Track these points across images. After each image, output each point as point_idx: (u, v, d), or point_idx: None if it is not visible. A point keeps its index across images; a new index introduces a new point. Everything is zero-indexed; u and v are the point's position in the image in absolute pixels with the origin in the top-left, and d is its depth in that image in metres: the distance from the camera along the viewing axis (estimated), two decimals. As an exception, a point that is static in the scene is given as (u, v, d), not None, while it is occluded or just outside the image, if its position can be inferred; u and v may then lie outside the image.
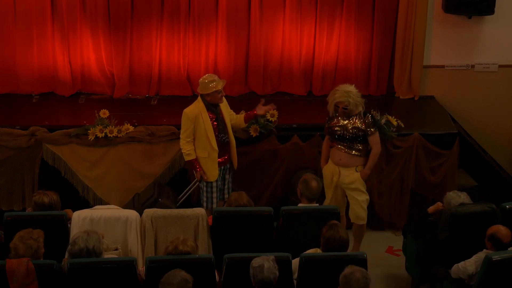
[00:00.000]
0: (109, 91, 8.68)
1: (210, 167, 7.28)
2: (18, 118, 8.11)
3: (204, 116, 7.17)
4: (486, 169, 8.53)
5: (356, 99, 7.06)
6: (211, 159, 7.26)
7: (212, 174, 7.31)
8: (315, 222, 6.31)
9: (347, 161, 7.16)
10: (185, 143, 7.25)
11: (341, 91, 7.08)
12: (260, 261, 5.39)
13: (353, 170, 7.16)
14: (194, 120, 7.17)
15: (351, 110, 7.06)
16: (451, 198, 6.57)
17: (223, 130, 7.30)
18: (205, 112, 7.18)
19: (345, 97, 7.04)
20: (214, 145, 7.22)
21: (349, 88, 7.10)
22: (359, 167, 7.17)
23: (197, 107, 7.21)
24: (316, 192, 6.64)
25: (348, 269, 5.27)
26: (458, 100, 8.88)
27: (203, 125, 7.17)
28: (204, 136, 7.20)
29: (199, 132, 7.20)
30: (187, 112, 7.21)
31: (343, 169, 7.18)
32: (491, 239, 6.04)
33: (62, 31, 8.43)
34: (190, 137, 7.23)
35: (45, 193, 6.46)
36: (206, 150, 7.23)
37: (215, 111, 7.25)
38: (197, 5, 8.43)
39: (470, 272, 6.12)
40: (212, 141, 7.21)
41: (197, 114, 7.18)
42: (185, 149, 7.26)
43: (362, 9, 8.58)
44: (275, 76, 8.82)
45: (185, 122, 7.21)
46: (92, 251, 5.63)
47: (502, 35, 8.69)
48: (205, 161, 7.27)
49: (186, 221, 6.48)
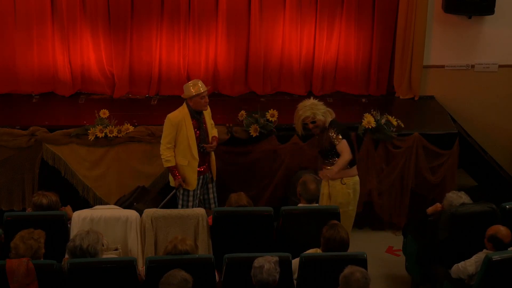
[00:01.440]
0: (109, 91, 8.68)
1: (189, 175, 7.17)
2: (18, 118, 8.11)
3: (187, 123, 7.06)
4: (486, 169, 8.54)
5: (320, 109, 6.90)
6: (190, 168, 7.15)
7: (190, 183, 7.19)
8: (315, 222, 6.31)
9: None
10: (165, 149, 7.13)
11: (302, 107, 6.93)
12: (262, 262, 5.39)
13: (338, 183, 6.98)
14: (176, 126, 7.05)
15: (320, 122, 6.89)
16: (452, 198, 6.56)
17: (204, 140, 7.18)
18: (189, 119, 7.07)
19: (308, 111, 6.90)
20: (195, 154, 7.11)
21: (309, 102, 6.96)
22: (344, 179, 7.05)
23: (181, 113, 7.10)
24: (314, 194, 6.64)
25: (348, 269, 5.27)
26: (458, 100, 8.89)
27: (185, 132, 7.06)
28: (185, 143, 7.08)
29: (181, 139, 7.08)
30: (171, 118, 7.08)
31: (330, 181, 7.01)
32: (492, 239, 6.04)
33: (62, 31, 8.43)
34: (171, 143, 7.10)
35: (44, 194, 6.45)
36: (186, 158, 7.12)
37: (199, 119, 7.13)
38: (197, 5, 8.44)
39: (470, 272, 6.12)
40: (194, 150, 7.10)
41: (181, 120, 7.05)
42: (164, 155, 7.13)
43: (362, 9, 8.59)
44: (275, 76, 8.82)
45: (167, 128, 7.08)
46: (85, 250, 5.63)
47: (502, 35, 8.69)
48: (184, 169, 7.16)
49: (186, 221, 6.48)
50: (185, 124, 7.06)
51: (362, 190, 7.87)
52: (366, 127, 7.76)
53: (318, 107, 6.91)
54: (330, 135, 6.88)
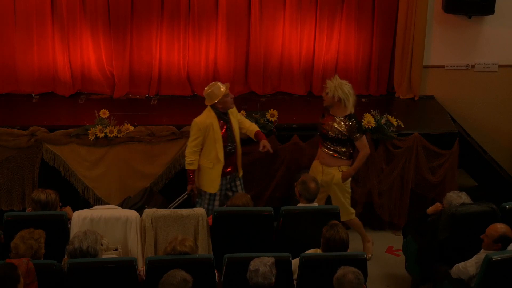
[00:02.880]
0: (109, 91, 8.68)
1: (213, 178, 7.17)
2: (18, 118, 8.11)
3: (215, 126, 7.05)
4: (486, 169, 8.53)
5: (339, 91, 7.05)
6: (215, 171, 7.15)
7: (213, 186, 7.20)
8: (315, 222, 6.32)
9: (329, 161, 7.21)
10: (191, 152, 7.12)
11: (334, 79, 7.12)
12: (257, 265, 5.39)
13: (335, 169, 7.19)
14: (204, 131, 7.04)
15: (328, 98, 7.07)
16: (452, 198, 6.57)
17: (231, 139, 7.18)
18: (216, 121, 7.06)
19: (332, 83, 7.08)
20: (221, 157, 7.11)
21: (343, 81, 7.13)
22: (342, 167, 7.17)
23: (208, 117, 7.08)
24: (315, 193, 6.64)
25: (341, 270, 5.28)
26: (458, 100, 8.89)
27: (213, 136, 7.06)
28: (212, 147, 7.09)
29: (208, 143, 7.08)
30: (198, 122, 7.06)
31: (326, 167, 7.20)
32: (502, 240, 5.98)
33: (62, 31, 8.43)
34: (198, 147, 7.10)
35: (43, 190, 6.47)
36: (212, 161, 7.12)
37: (226, 119, 7.13)
38: (197, 5, 8.43)
39: (470, 274, 6.10)
40: (220, 153, 7.10)
41: (208, 125, 7.05)
42: (188, 157, 7.13)
43: (362, 9, 8.59)
44: (275, 76, 8.82)
45: (195, 132, 7.07)
46: (86, 251, 5.63)
47: (502, 35, 8.69)
48: (209, 172, 7.17)
49: (186, 221, 6.48)
50: (212, 128, 7.05)
51: (362, 190, 7.91)
52: (366, 127, 7.76)
53: (341, 88, 7.08)
54: (351, 127, 7.06)
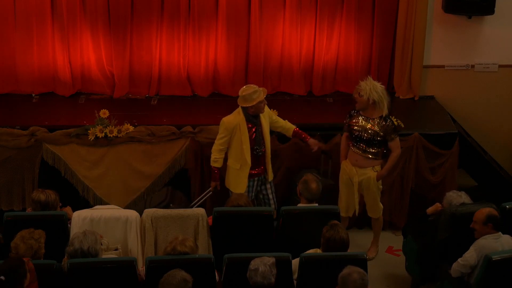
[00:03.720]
0: (109, 91, 8.68)
1: (240, 179, 7.19)
2: (18, 118, 8.11)
3: (242, 128, 7.07)
4: (486, 169, 8.53)
5: (374, 94, 7.05)
6: (242, 172, 7.17)
7: (240, 186, 7.21)
8: (315, 222, 6.32)
9: (363, 162, 7.23)
10: (217, 150, 7.15)
11: (368, 81, 7.11)
12: (257, 264, 5.39)
13: (370, 169, 7.24)
14: (231, 131, 7.07)
15: (362, 101, 7.07)
16: (451, 198, 6.57)
17: (260, 142, 7.19)
18: (244, 124, 7.07)
19: (366, 85, 7.07)
20: (248, 159, 7.12)
21: (375, 83, 7.13)
22: (376, 167, 7.23)
23: (236, 119, 7.10)
24: (316, 193, 6.64)
25: (347, 269, 5.28)
26: (458, 100, 8.88)
27: (239, 137, 7.07)
28: (239, 148, 7.11)
29: (235, 143, 7.11)
30: (226, 122, 7.10)
31: (360, 169, 7.23)
32: (490, 219, 6.05)
33: (62, 31, 8.42)
34: (224, 146, 7.13)
35: (43, 191, 6.47)
36: (239, 162, 7.14)
37: (256, 122, 7.14)
38: (197, 5, 8.43)
39: (472, 263, 6.09)
40: (247, 154, 7.11)
41: (235, 126, 7.07)
42: (214, 155, 7.16)
43: (362, 9, 8.58)
44: (275, 76, 8.82)
45: (222, 131, 7.11)
46: (87, 252, 5.63)
47: (502, 35, 8.69)
48: (236, 173, 7.19)
49: (186, 221, 6.48)
50: (239, 129, 7.07)
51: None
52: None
53: (375, 90, 7.06)
54: (386, 127, 7.09)
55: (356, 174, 7.25)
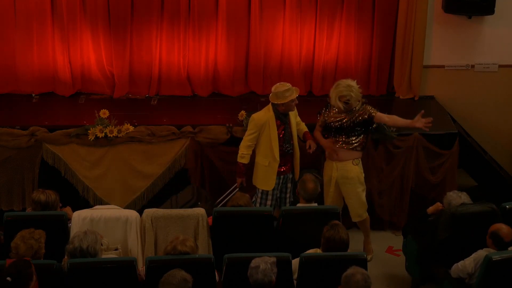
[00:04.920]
0: (109, 91, 8.68)
1: (269, 176, 7.20)
2: (18, 118, 8.11)
3: (271, 125, 7.08)
4: (486, 169, 8.53)
5: (357, 94, 7.12)
6: (271, 168, 7.17)
7: (268, 183, 7.22)
8: (315, 222, 6.32)
9: (344, 155, 7.21)
10: (245, 146, 7.16)
11: (344, 85, 7.12)
12: (258, 262, 5.39)
13: (349, 163, 7.21)
14: (261, 128, 7.09)
15: (351, 104, 7.11)
16: (451, 198, 6.57)
17: (289, 140, 7.21)
18: (273, 121, 7.09)
19: (347, 91, 7.09)
20: (277, 156, 7.13)
21: (351, 83, 7.15)
22: (355, 160, 7.21)
23: (265, 116, 7.11)
24: (312, 193, 6.64)
25: (351, 269, 5.28)
26: (458, 100, 8.88)
27: (268, 134, 7.09)
28: (267, 145, 7.12)
29: (264, 140, 7.12)
30: (256, 118, 7.12)
31: (340, 163, 7.21)
32: (493, 236, 6.05)
33: (62, 31, 8.43)
34: (252, 142, 7.14)
35: (43, 191, 6.47)
36: (267, 159, 7.15)
37: (284, 120, 7.15)
38: (197, 5, 8.43)
39: (469, 271, 6.12)
40: (275, 151, 7.12)
41: (265, 123, 7.08)
42: (241, 151, 7.17)
43: (362, 9, 8.58)
44: (275, 76, 8.81)
45: (251, 127, 7.12)
46: (86, 251, 5.63)
47: (502, 35, 8.69)
48: (264, 169, 7.20)
49: (186, 221, 6.48)
50: (269, 126, 7.08)
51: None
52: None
53: (356, 91, 7.11)
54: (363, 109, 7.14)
55: (336, 169, 7.24)
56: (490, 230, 6.09)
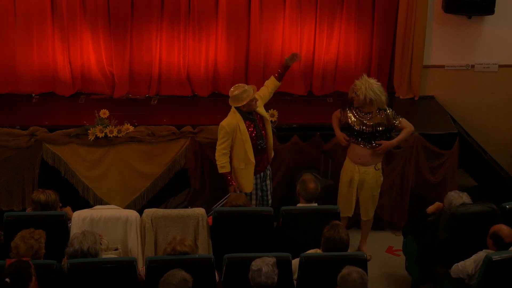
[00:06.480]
0: (109, 91, 8.68)
1: (246, 178, 7.20)
2: (18, 118, 8.11)
3: (241, 128, 7.07)
4: (486, 169, 8.53)
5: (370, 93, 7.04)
6: (247, 171, 7.18)
7: (247, 186, 7.23)
8: (315, 222, 6.32)
9: (366, 160, 7.20)
10: (220, 155, 7.14)
11: (363, 80, 7.11)
12: (259, 265, 5.38)
13: (372, 168, 7.23)
14: (232, 133, 7.07)
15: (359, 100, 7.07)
16: (452, 198, 6.57)
17: (261, 136, 7.20)
18: (243, 123, 7.08)
19: (362, 84, 7.06)
20: (252, 158, 7.13)
21: (371, 81, 7.12)
22: (378, 165, 7.21)
23: (234, 119, 7.09)
24: (313, 193, 6.64)
25: (346, 269, 5.28)
26: (458, 100, 8.89)
27: (240, 137, 7.07)
28: (241, 148, 7.10)
29: (237, 144, 7.10)
30: (225, 125, 7.08)
31: (362, 167, 7.21)
32: (493, 237, 6.04)
33: (62, 31, 8.43)
34: (226, 149, 7.12)
35: (43, 191, 6.47)
36: (243, 162, 7.15)
37: (251, 118, 7.15)
38: (197, 5, 8.43)
39: (469, 272, 6.12)
40: (250, 153, 7.11)
41: (235, 126, 7.07)
42: (219, 161, 7.14)
43: (362, 9, 8.59)
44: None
45: (223, 135, 7.09)
46: (87, 252, 5.63)
47: (502, 35, 8.69)
48: (241, 172, 7.19)
49: (186, 221, 6.48)
50: (239, 129, 7.07)
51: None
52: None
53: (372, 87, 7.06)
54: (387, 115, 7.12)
55: (358, 172, 7.25)
56: (491, 231, 6.09)
